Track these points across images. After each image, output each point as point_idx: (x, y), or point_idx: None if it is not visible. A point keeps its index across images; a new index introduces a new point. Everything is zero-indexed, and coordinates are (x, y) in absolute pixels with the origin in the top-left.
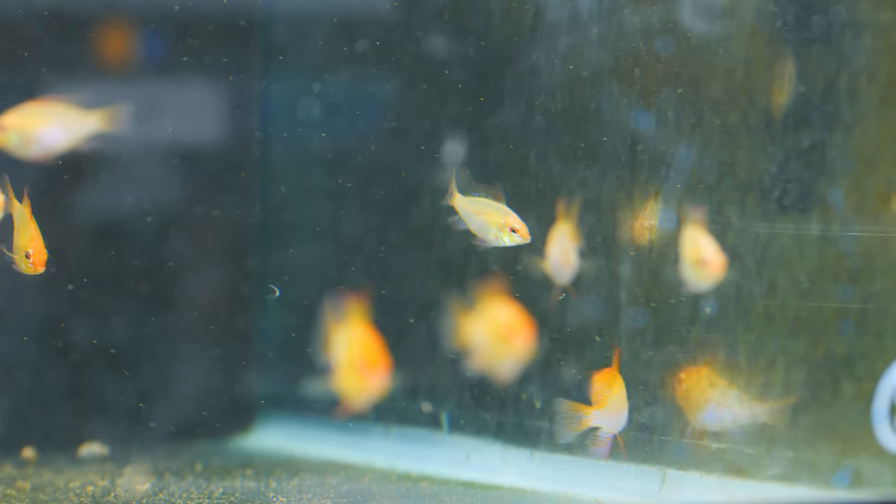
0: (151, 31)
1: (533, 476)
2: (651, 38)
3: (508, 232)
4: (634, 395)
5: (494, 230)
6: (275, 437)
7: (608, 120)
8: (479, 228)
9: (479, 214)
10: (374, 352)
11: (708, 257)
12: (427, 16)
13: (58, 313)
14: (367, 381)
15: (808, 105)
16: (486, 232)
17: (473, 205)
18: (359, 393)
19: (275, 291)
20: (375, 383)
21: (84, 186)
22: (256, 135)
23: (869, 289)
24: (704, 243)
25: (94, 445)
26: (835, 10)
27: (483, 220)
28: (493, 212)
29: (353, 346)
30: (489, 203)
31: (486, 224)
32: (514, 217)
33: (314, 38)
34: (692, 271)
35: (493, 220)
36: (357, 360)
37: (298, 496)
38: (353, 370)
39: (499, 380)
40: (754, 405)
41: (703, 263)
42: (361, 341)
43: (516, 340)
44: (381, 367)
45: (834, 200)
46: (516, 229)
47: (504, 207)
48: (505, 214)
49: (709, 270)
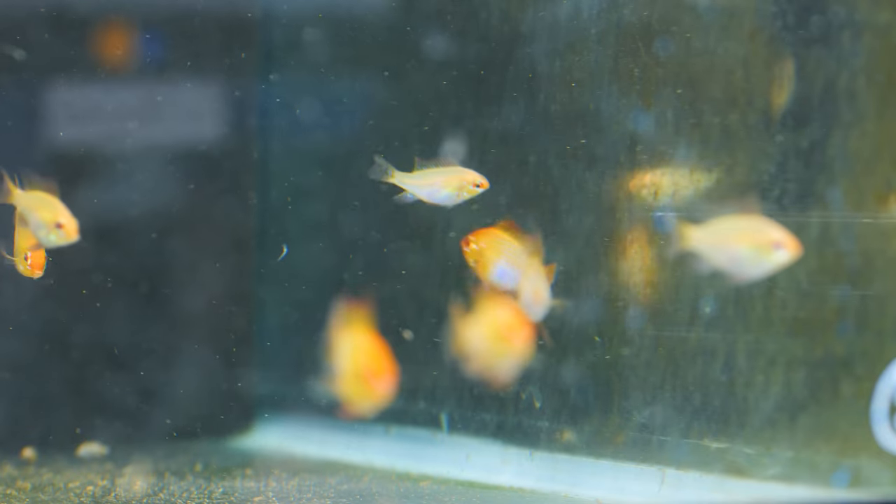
0: (150, 31)
1: (532, 476)
2: (650, 39)
3: (471, 188)
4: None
5: (451, 191)
6: (275, 437)
7: (609, 120)
8: (429, 195)
9: (429, 183)
10: (379, 360)
11: (782, 238)
12: (425, 15)
13: (58, 313)
14: (373, 389)
15: (807, 105)
16: (439, 194)
17: (418, 177)
18: (364, 400)
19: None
20: (381, 392)
21: (84, 186)
22: (256, 135)
23: (868, 289)
24: (772, 227)
25: (94, 445)
26: (834, 11)
27: (435, 186)
28: (446, 176)
29: (358, 352)
30: (438, 170)
31: (441, 187)
32: (472, 173)
33: (314, 38)
34: (758, 257)
35: (449, 181)
36: (363, 368)
37: (298, 496)
38: (359, 377)
39: (498, 382)
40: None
41: (776, 246)
42: (366, 348)
43: (515, 340)
44: (387, 375)
45: (833, 200)
46: (479, 183)
47: (458, 168)
48: (462, 174)
49: (785, 251)
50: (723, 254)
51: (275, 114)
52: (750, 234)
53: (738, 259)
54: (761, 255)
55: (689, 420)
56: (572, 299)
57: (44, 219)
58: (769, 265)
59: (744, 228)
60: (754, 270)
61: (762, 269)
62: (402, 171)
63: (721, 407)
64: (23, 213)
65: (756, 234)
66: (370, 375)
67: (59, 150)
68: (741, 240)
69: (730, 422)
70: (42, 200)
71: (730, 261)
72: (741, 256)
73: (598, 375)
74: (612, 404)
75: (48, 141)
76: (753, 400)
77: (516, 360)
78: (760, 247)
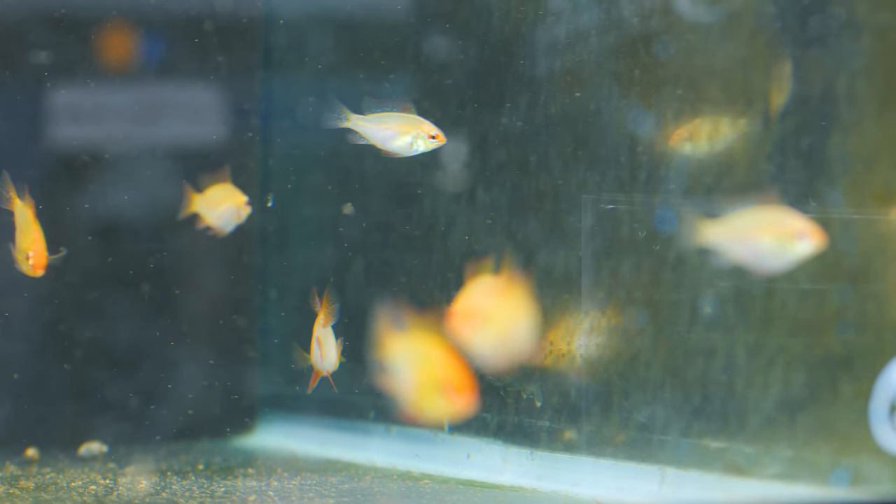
0: (151, 32)
1: (533, 475)
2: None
3: (426, 139)
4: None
5: (407, 139)
6: (276, 436)
7: (610, 121)
8: (384, 140)
9: (384, 127)
10: (463, 374)
11: (805, 228)
12: (428, 17)
13: (60, 313)
14: (454, 404)
15: (806, 106)
16: (394, 141)
17: (375, 121)
18: (441, 413)
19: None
20: (463, 406)
21: (85, 187)
22: (257, 135)
23: (867, 289)
24: (794, 217)
25: (94, 444)
26: (833, 12)
27: (390, 131)
28: (401, 123)
29: (436, 363)
30: (395, 115)
31: (397, 134)
32: (429, 124)
33: (315, 38)
34: (782, 248)
35: (404, 128)
36: (442, 382)
37: (300, 495)
38: (438, 390)
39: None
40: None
41: (799, 236)
42: (447, 360)
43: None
44: (471, 391)
45: (832, 201)
46: (434, 135)
47: (415, 117)
48: (418, 123)
49: (810, 241)
50: (744, 247)
51: (275, 114)
52: (771, 226)
53: (760, 252)
54: (784, 247)
55: (689, 419)
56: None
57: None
58: (793, 256)
59: (764, 220)
60: (778, 263)
61: (786, 261)
62: (357, 115)
63: (721, 406)
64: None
65: (778, 226)
66: (453, 389)
67: (58, 150)
68: (763, 232)
69: (729, 421)
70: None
71: (752, 254)
72: (763, 249)
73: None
74: (611, 404)
75: (47, 141)
76: (753, 399)
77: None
78: (783, 238)
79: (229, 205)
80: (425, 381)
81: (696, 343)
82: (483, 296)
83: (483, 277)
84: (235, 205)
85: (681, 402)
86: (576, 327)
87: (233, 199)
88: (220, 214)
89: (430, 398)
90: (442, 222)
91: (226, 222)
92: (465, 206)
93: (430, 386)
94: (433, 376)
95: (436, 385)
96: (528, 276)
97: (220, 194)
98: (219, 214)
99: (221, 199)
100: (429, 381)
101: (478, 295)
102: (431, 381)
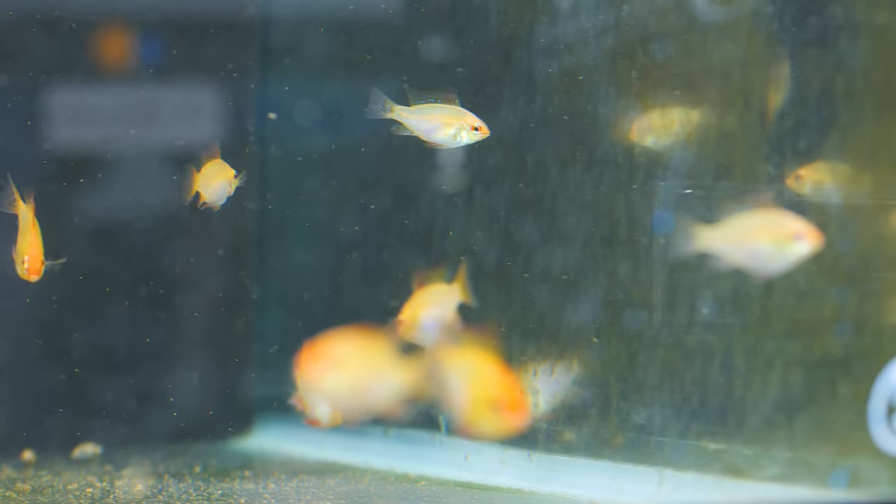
0: (149, 33)
1: (531, 477)
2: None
3: (469, 130)
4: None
5: (451, 130)
6: (273, 438)
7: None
8: (428, 132)
9: (429, 118)
10: (516, 393)
11: (802, 229)
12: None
13: (57, 315)
14: (508, 420)
15: (804, 107)
16: (438, 133)
17: (419, 112)
18: (494, 431)
19: (270, 115)
20: (516, 424)
21: (83, 188)
22: (255, 136)
23: (865, 289)
24: (790, 218)
25: (87, 446)
26: (831, 12)
27: (434, 122)
28: (446, 114)
29: (489, 380)
30: (439, 107)
31: (441, 125)
32: (472, 116)
33: (313, 39)
34: (779, 250)
35: (448, 120)
36: (497, 400)
37: (297, 497)
38: (492, 407)
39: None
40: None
41: (796, 237)
42: (500, 378)
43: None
44: (524, 409)
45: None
46: (477, 127)
47: (459, 109)
48: (462, 115)
49: (807, 242)
50: (742, 251)
51: (275, 114)
52: (768, 228)
53: (758, 254)
54: (782, 248)
55: (687, 421)
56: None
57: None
58: (791, 258)
59: (761, 223)
60: (776, 264)
61: (784, 263)
62: (401, 105)
63: (719, 408)
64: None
65: (775, 227)
66: (506, 407)
67: (57, 151)
68: (760, 234)
69: (728, 422)
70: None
71: (750, 257)
72: (761, 251)
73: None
74: (610, 405)
75: (46, 142)
76: (751, 401)
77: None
78: (780, 239)
79: (222, 180)
80: (479, 398)
81: (694, 344)
82: (341, 342)
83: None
84: (226, 179)
85: (679, 403)
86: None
87: (224, 174)
88: (214, 190)
89: (484, 414)
90: (442, 224)
91: (219, 196)
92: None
93: (483, 402)
94: (487, 393)
95: (489, 402)
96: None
97: (213, 170)
98: (213, 190)
99: (215, 175)
100: (483, 397)
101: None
102: (485, 398)
